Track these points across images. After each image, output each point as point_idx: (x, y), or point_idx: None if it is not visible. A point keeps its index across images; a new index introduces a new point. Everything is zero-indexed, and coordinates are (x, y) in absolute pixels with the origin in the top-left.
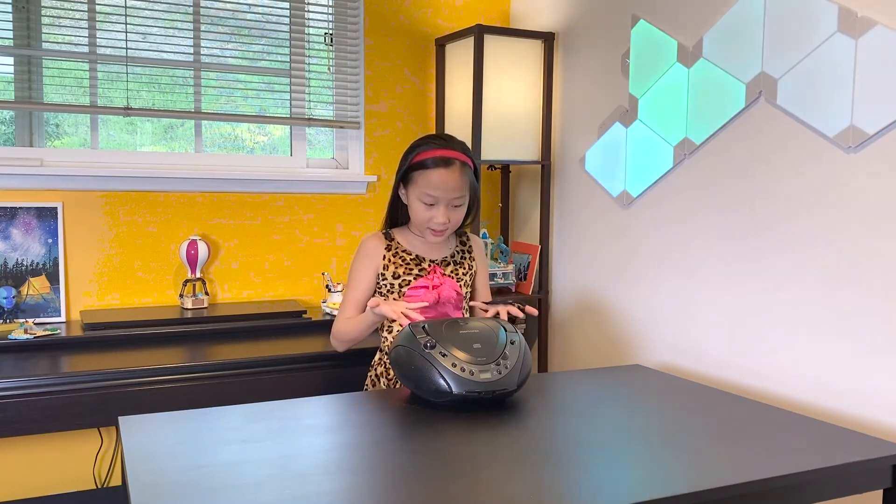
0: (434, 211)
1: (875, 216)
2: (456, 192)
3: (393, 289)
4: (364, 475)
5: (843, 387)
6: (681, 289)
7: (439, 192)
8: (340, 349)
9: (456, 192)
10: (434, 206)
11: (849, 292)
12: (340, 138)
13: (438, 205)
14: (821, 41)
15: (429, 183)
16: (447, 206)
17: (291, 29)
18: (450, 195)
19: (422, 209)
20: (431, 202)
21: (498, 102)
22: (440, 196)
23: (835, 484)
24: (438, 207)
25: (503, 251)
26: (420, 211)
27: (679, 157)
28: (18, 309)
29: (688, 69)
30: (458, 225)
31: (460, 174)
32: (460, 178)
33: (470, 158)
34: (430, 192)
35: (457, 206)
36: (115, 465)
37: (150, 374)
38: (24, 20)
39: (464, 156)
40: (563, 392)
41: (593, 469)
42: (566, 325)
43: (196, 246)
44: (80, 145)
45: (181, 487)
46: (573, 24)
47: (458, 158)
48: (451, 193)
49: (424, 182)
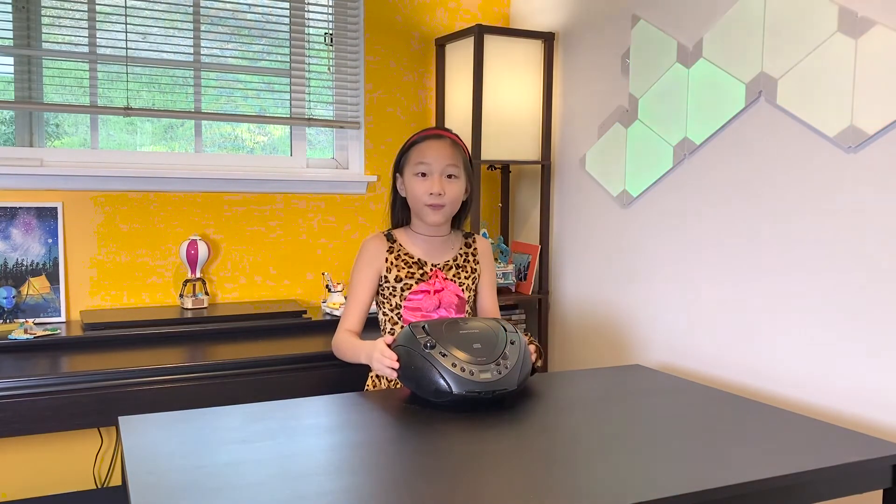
0: (428, 182)
1: (875, 216)
2: (448, 159)
3: (395, 292)
4: (364, 475)
5: (843, 387)
6: (681, 288)
7: (431, 159)
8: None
9: (448, 160)
10: (428, 176)
11: (849, 292)
12: (340, 138)
13: (432, 174)
14: (821, 41)
15: (421, 153)
16: (441, 175)
17: (291, 29)
18: (442, 163)
19: (417, 184)
20: (425, 171)
21: (498, 102)
22: (432, 162)
23: (835, 484)
24: (433, 177)
25: (503, 251)
26: (416, 186)
27: (679, 157)
28: (18, 309)
29: (688, 69)
30: (456, 206)
31: (451, 146)
32: (452, 148)
33: (463, 144)
34: (423, 161)
35: (451, 176)
36: (115, 465)
37: (150, 374)
38: (24, 20)
39: (455, 137)
40: (563, 392)
41: (593, 469)
42: (566, 325)
43: (196, 246)
44: (80, 145)
45: (181, 487)
46: (573, 24)
47: (450, 136)
48: (443, 161)
49: (417, 154)
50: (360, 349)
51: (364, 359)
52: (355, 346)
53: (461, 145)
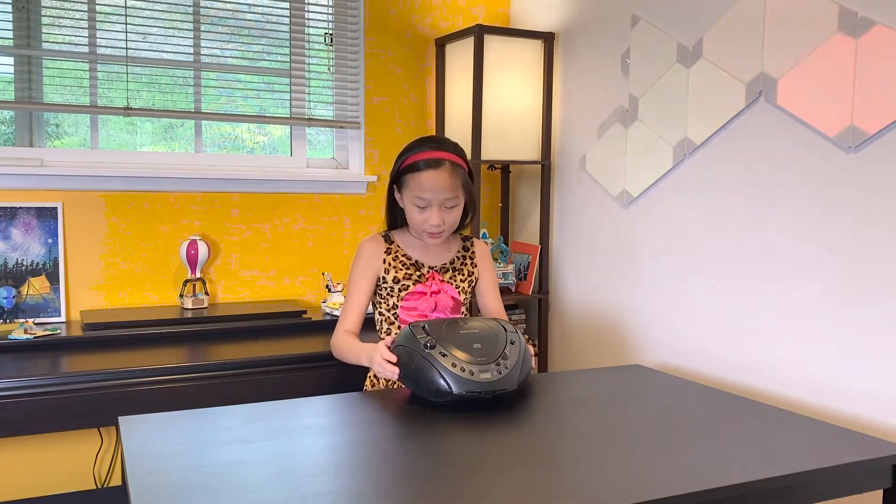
0: (427, 213)
1: (875, 216)
2: (447, 192)
3: (392, 293)
4: (364, 475)
5: (843, 387)
6: (681, 288)
7: (430, 194)
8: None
9: (447, 193)
10: (427, 208)
11: (849, 292)
12: (340, 138)
13: (431, 207)
14: (821, 41)
15: (420, 185)
16: (440, 207)
17: (291, 29)
18: (441, 196)
19: (416, 212)
20: (424, 205)
21: (498, 102)
22: (432, 198)
23: (835, 484)
24: (431, 209)
25: (503, 251)
26: (414, 214)
27: (679, 157)
28: (18, 309)
29: (688, 69)
30: (455, 226)
31: (451, 175)
32: (451, 178)
33: (462, 160)
34: (421, 195)
35: (450, 207)
36: (115, 465)
37: (150, 374)
38: (24, 20)
39: (454, 156)
40: (563, 392)
41: (593, 469)
42: (566, 324)
43: (196, 246)
44: (80, 145)
45: (181, 487)
46: (573, 24)
47: (448, 159)
48: (442, 194)
49: (416, 185)
50: (360, 351)
51: (365, 361)
52: (355, 347)
53: (461, 164)
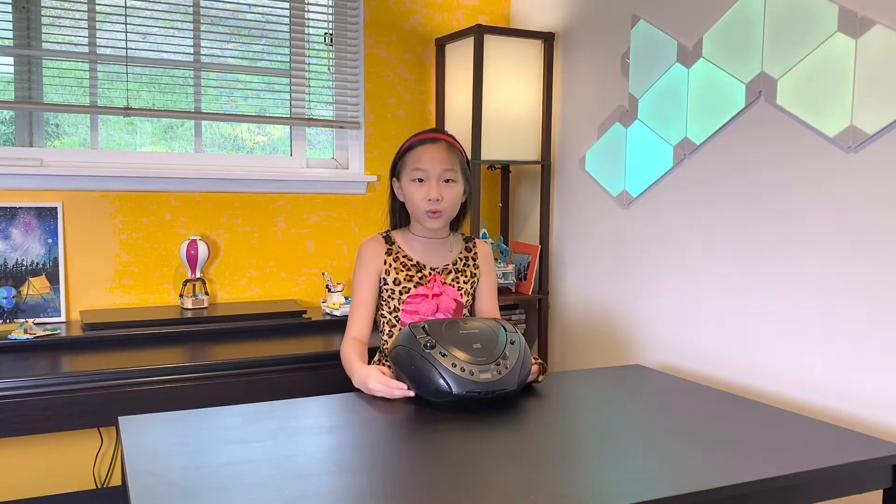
0: (426, 187)
1: (875, 216)
2: (445, 163)
3: (394, 294)
4: (364, 475)
5: (842, 387)
6: (681, 288)
7: (428, 164)
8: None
9: (445, 164)
10: (425, 182)
11: (849, 292)
12: (340, 138)
13: (429, 179)
14: (821, 41)
15: (418, 159)
16: (438, 180)
17: (291, 29)
18: (439, 167)
19: (415, 190)
20: (421, 177)
21: (498, 102)
22: (429, 168)
23: (835, 484)
24: (430, 182)
25: (503, 251)
26: (413, 192)
27: (679, 157)
28: (18, 309)
29: (688, 69)
30: (455, 209)
31: (448, 150)
32: (448, 152)
33: (459, 145)
34: (419, 167)
35: (448, 180)
36: (115, 465)
37: (150, 374)
38: (24, 20)
39: (451, 138)
40: (563, 392)
41: (593, 469)
42: (566, 325)
43: (196, 246)
44: (80, 145)
45: (181, 487)
46: (573, 24)
47: (445, 139)
48: (440, 165)
49: (413, 160)
50: (352, 371)
51: (355, 383)
52: (351, 365)
53: (457, 147)
